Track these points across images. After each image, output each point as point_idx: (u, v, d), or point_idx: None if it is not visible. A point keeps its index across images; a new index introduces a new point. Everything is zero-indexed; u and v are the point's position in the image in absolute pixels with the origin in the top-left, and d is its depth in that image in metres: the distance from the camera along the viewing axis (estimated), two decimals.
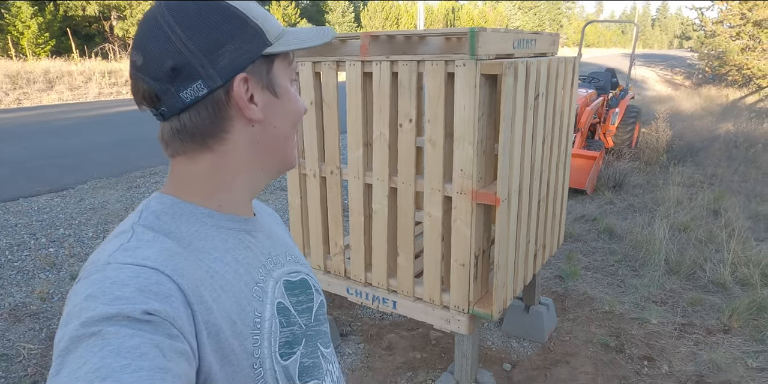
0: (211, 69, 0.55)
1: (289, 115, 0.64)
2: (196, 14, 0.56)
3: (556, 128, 2.33)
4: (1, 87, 12.36)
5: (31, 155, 6.37)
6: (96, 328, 0.44)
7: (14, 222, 4.20)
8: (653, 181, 5.77)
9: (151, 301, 0.47)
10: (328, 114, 2.13)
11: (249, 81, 0.58)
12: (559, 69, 2.19)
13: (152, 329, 0.46)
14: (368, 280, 2.28)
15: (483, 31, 1.64)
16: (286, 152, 0.66)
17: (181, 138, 0.59)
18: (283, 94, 0.62)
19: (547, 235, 2.52)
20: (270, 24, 0.60)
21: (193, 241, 0.58)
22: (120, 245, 0.54)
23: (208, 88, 0.56)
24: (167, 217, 0.59)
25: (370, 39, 1.87)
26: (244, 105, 0.58)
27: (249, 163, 0.62)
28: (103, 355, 0.42)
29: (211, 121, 0.58)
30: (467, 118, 1.73)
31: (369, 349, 2.75)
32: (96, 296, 0.47)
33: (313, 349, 0.69)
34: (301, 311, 0.68)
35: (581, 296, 3.27)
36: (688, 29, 20.30)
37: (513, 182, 1.90)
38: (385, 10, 34.54)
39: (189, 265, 0.55)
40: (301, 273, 0.72)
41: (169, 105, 0.56)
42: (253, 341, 0.58)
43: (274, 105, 0.61)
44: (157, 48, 0.55)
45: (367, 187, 2.14)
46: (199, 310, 0.52)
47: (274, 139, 0.63)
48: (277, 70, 0.61)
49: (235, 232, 0.63)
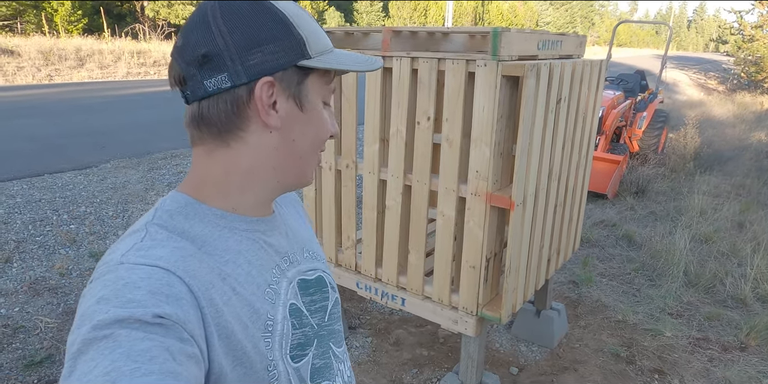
0: (240, 65, 0.56)
1: (311, 133, 0.63)
2: (243, 11, 0.57)
3: (578, 133, 2.27)
4: (34, 63, 12.64)
5: (59, 132, 6.50)
6: (108, 330, 0.45)
7: (38, 197, 4.30)
8: (678, 189, 5.63)
9: (162, 304, 0.48)
10: (347, 107, 2.11)
11: (274, 86, 0.58)
12: (584, 72, 2.13)
13: (163, 332, 0.46)
14: (378, 275, 2.28)
15: (506, 31, 1.60)
16: (302, 169, 0.64)
17: (198, 125, 0.59)
18: (310, 110, 0.62)
19: (562, 241, 2.48)
20: (316, 39, 0.60)
21: (206, 242, 0.58)
22: (133, 245, 0.54)
23: (231, 83, 0.56)
24: (181, 217, 0.59)
25: (392, 34, 1.85)
26: (263, 108, 0.58)
27: (264, 168, 0.62)
28: (113, 358, 0.43)
29: (227, 115, 0.58)
30: (486, 119, 1.69)
31: (376, 343, 2.75)
32: (108, 299, 0.47)
33: (325, 349, 0.69)
34: (314, 311, 0.68)
35: (595, 303, 3.22)
36: (725, 33, 19.68)
37: (529, 186, 1.87)
38: (413, 1, 34.23)
39: (201, 267, 0.55)
40: (317, 270, 0.72)
41: (193, 90, 0.58)
42: (265, 344, 0.59)
43: (296, 117, 0.61)
44: (197, 35, 0.57)
45: (381, 183, 2.13)
46: (209, 312, 0.53)
47: (291, 152, 0.62)
48: (310, 84, 0.61)
49: (248, 233, 0.63)
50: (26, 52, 12.90)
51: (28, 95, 9.46)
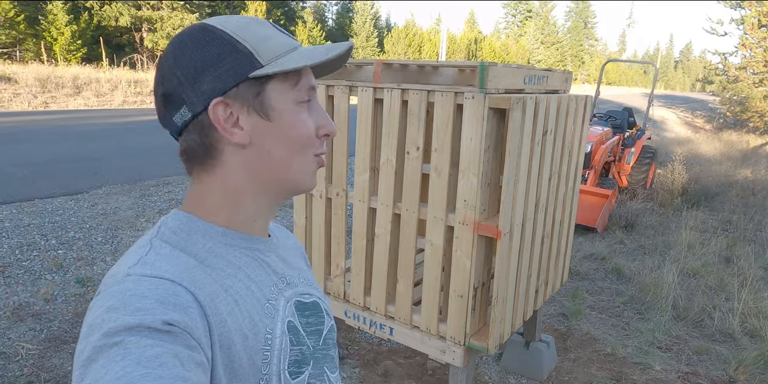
0: (193, 94, 0.58)
1: (286, 138, 0.62)
2: (187, 42, 0.59)
3: (564, 165, 2.33)
4: (30, 90, 12.75)
5: (52, 158, 6.51)
6: (118, 338, 0.45)
7: (27, 222, 4.27)
8: (666, 224, 5.69)
9: (170, 311, 0.49)
10: (338, 137, 2.16)
11: (231, 105, 0.59)
12: (570, 106, 2.21)
13: (172, 339, 0.47)
14: (367, 304, 2.27)
15: (493, 65, 1.67)
16: (290, 176, 0.64)
17: (184, 159, 0.62)
18: (278, 117, 0.61)
19: (550, 272, 2.49)
20: (267, 45, 0.60)
21: (208, 257, 0.60)
22: (139, 259, 0.55)
23: (191, 113, 0.59)
24: (183, 234, 0.61)
25: (383, 66, 1.91)
26: (223, 129, 0.59)
27: (249, 185, 0.63)
28: (124, 365, 0.43)
29: (200, 144, 0.60)
30: (473, 150, 1.74)
31: (364, 374, 2.71)
32: (117, 308, 0.48)
33: (321, 372, 0.68)
34: (310, 333, 0.68)
35: (584, 336, 3.20)
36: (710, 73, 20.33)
37: (516, 216, 1.90)
38: (408, 37, 35.21)
39: (205, 279, 0.56)
40: (313, 296, 0.73)
41: (170, 128, 0.62)
42: (263, 357, 0.59)
43: (264, 128, 0.61)
44: (159, 76, 0.61)
45: (371, 211, 2.15)
46: (214, 322, 0.54)
47: (270, 164, 0.62)
48: (271, 92, 0.60)
49: (247, 250, 0.64)
50: (23, 79, 13.05)
51: (23, 121, 9.51)
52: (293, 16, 29.06)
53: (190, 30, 0.60)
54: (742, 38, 16.07)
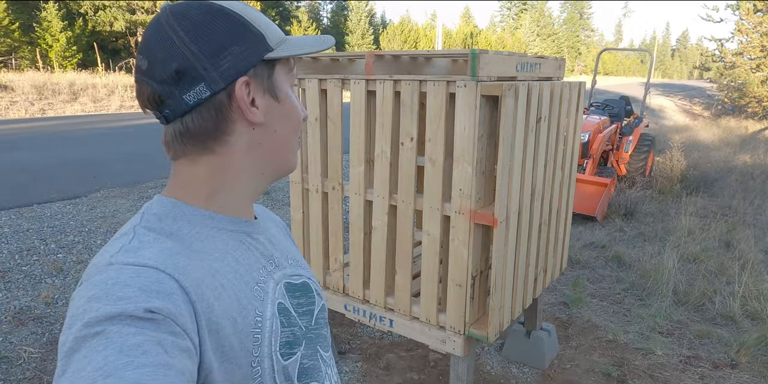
0: (214, 72, 0.57)
1: (290, 119, 0.65)
2: (199, 19, 0.58)
3: (560, 152, 2.33)
4: (27, 97, 12.75)
5: (50, 163, 6.52)
6: (99, 327, 0.45)
7: (26, 227, 4.28)
8: (665, 211, 5.69)
9: (153, 299, 0.48)
10: (332, 130, 2.16)
11: (251, 84, 0.60)
12: (564, 93, 2.20)
13: (154, 327, 0.46)
14: (366, 297, 2.27)
15: (484, 53, 1.66)
16: (286, 156, 0.67)
17: (184, 140, 0.60)
18: (284, 99, 0.64)
19: (549, 259, 2.49)
20: (271, 31, 0.62)
21: (194, 242, 0.59)
22: (121, 247, 0.55)
23: (210, 91, 0.57)
24: (169, 219, 0.60)
25: (374, 58, 1.91)
26: (246, 108, 0.59)
27: (249, 165, 0.64)
28: (106, 354, 0.43)
29: (213, 123, 0.60)
30: (467, 138, 1.74)
31: (366, 367, 2.72)
32: (99, 297, 0.48)
33: (313, 352, 0.69)
34: (301, 313, 0.68)
35: (585, 324, 3.21)
36: (707, 60, 20.29)
37: (512, 204, 1.90)
38: (404, 34, 35.14)
39: (190, 264, 0.56)
40: (302, 276, 0.73)
41: (173, 108, 0.58)
42: (253, 340, 0.59)
43: (275, 109, 0.63)
44: (162, 52, 0.57)
45: (367, 204, 2.15)
46: (200, 307, 0.53)
47: (274, 143, 0.64)
48: (278, 74, 0.63)
49: (235, 233, 0.64)
50: (20, 86, 13.04)
51: (20, 128, 9.51)
52: (288, 15, 29.01)
53: (197, 6, 0.58)
54: (738, 24, 16.03)
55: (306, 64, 2.25)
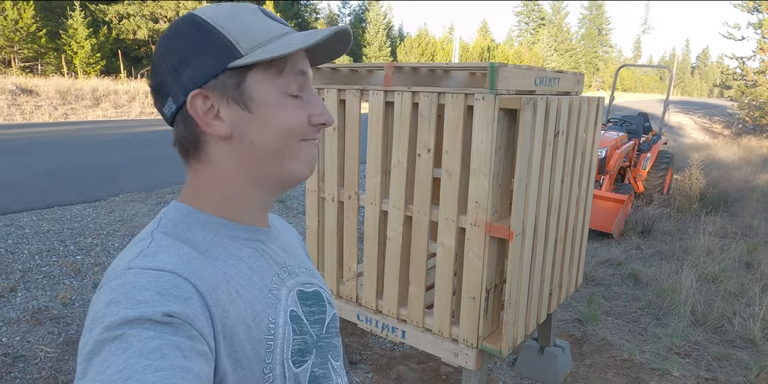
0: (176, 85, 0.58)
1: (270, 128, 0.60)
2: (173, 33, 0.59)
3: (577, 167, 2.32)
4: (51, 102, 13.06)
5: (71, 167, 6.65)
6: (119, 331, 0.46)
7: (47, 228, 4.36)
8: (683, 229, 5.60)
9: (170, 303, 0.49)
10: (350, 140, 2.18)
11: (210, 97, 0.58)
12: (582, 108, 2.20)
13: (173, 331, 0.47)
14: (379, 307, 2.27)
15: (504, 66, 1.67)
16: (278, 167, 0.63)
17: (177, 149, 0.63)
18: (259, 108, 0.59)
19: (564, 275, 2.47)
20: (249, 34, 0.58)
21: (209, 248, 0.60)
22: (140, 251, 0.56)
23: (176, 104, 0.59)
24: (184, 226, 0.61)
25: (394, 70, 1.93)
26: (201, 121, 0.59)
27: (240, 175, 0.62)
28: (126, 357, 0.43)
29: (187, 135, 0.61)
30: (484, 151, 1.74)
31: (377, 379, 2.70)
32: (118, 301, 0.48)
33: (324, 360, 0.68)
34: (313, 322, 0.68)
35: (600, 342, 3.15)
36: (728, 78, 20.07)
37: (528, 217, 1.89)
38: (421, 46, 35.39)
39: (206, 269, 0.56)
40: (314, 285, 0.73)
41: (164, 119, 0.63)
42: (266, 346, 0.59)
43: (245, 119, 0.60)
44: (151, 68, 0.62)
45: (383, 214, 2.16)
46: (216, 312, 0.54)
47: (255, 155, 0.61)
48: (252, 82, 0.59)
49: (248, 241, 0.64)
50: (44, 91, 13.38)
51: (44, 132, 9.73)
52: (306, 27, 29.42)
53: (179, 20, 0.60)
54: (760, 42, 15.87)
55: (325, 75, 2.28)
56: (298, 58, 0.62)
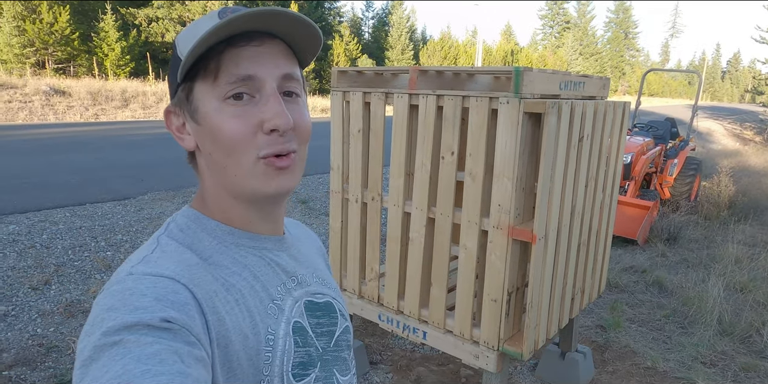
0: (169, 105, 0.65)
1: (216, 141, 0.58)
2: None
3: (602, 172, 2.31)
4: (83, 102, 13.45)
5: (102, 166, 6.84)
6: (117, 337, 0.46)
7: (79, 225, 4.50)
8: (711, 237, 5.49)
9: (168, 309, 0.49)
10: (374, 143, 2.21)
11: (174, 112, 0.63)
12: (608, 112, 2.19)
13: (171, 336, 0.47)
14: (400, 308, 2.29)
15: (528, 70, 1.69)
16: (236, 180, 0.59)
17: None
18: (203, 119, 0.58)
19: (587, 280, 2.46)
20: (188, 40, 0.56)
21: (213, 255, 0.60)
22: (143, 257, 0.57)
23: None
24: (190, 231, 0.62)
25: (418, 73, 1.96)
26: (175, 136, 0.63)
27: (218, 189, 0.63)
28: (124, 363, 0.44)
29: None
30: (508, 154, 1.76)
31: (397, 379, 2.72)
32: (116, 307, 0.49)
33: (329, 375, 0.66)
34: (320, 334, 0.67)
35: (623, 349, 3.12)
36: (760, 84, 19.54)
37: (551, 221, 1.90)
38: (444, 50, 35.35)
39: (205, 276, 0.56)
40: (326, 296, 0.71)
41: None
42: (264, 358, 0.58)
43: (199, 132, 0.61)
44: None
45: (405, 216, 2.18)
46: (211, 320, 0.54)
47: (216, 167, 0.61)
48: (197, 93, 0.58)
49: (254, 250, 0.64)
50: (76, 92, 13.79)
51: (76, 132, 10.02)
52: (330, 30, 29.66)
53: None
54: None
55: (351, 78, 2.32)
56: (233, 63, 0.55)
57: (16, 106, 12.19)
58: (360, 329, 3.19)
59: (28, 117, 11.86)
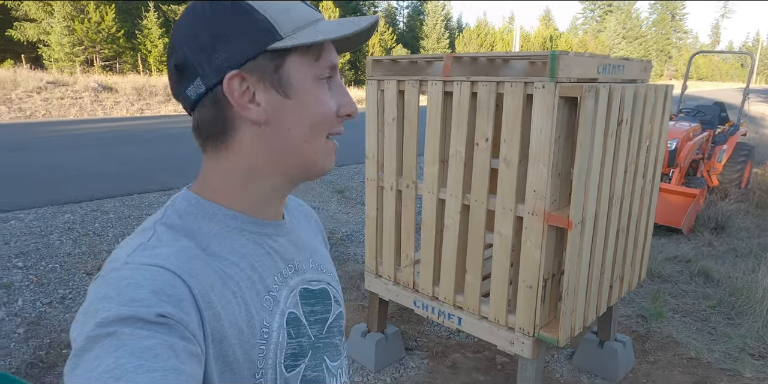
0: (207, 66, 0.55)
1: (306, 116, 0.58)
2: (204, 11, 0.56)
3: (642, 158, 2.25)
4: (128, 98, 13.98)
5: (148, 158, 7.12)
6: (111, 328, 0.45)
7: (128, 214, 4.72)
8: (763, 226, 5.25)
9: (164, 303, 0.48)
10: (408, 130, 2.23)
11: (247, 78, 0.55)
12: (649, 96, 2.13)
13: (166, 331, 0.46)
14: (435, 294, 2.31)
15: (564, 54, 1.66)
16: (307, 157, 0.60)
17: (198, 134, 0.60)
18: (296, 94, 0.57)
19: (626, 268, 2.41)
20: (288, 17, 0.56)
21: (212, 243, 0.58)
22: (140, 244, 0.54)
23: (205, 86, 0.56)
24: (190, 217, 0.59)
25: (453, 60, 1.96)
26: (238, 104, 0.56)
27: (264, 165, 0.60)
28: (118, 356, 0.43)
29: (214, 119, 0.57)
30: (543, 140, 1.74)
31: (432, 365, 2.76)
32: (112, 297, 0.47)
33: (319, 362, 0.67)
34: (313, 322, 0.66)
35: (665, 339, 3.05)
36: None
37: (588, 207, 1.87)
38: (480, 37, 34.73)
39: (204, 269, 0.55)
40: (322, 282, 0.70)
41: (183, 102, 0.59)
42: (258, 351, 0.58)
43: (283, 105, 0.57)
44: (170, 45, 0.58)
45: (440, 203, 2.20)
46: (207, 316, 0.52)
47: (288, 142, 0.59)
48: (290, 67, 0.57)
49: (256, 235, 0.62)
50: (122, 88, 14.35)
51: (123, 126, 10.45)
52: None
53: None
54: None
55: (385, 66, 2.33)
56: (330, 48, 0.60)
57: (67, 103, 12.79)
58: (396, 316, 3.24)
59: (79, 112, 12.43)
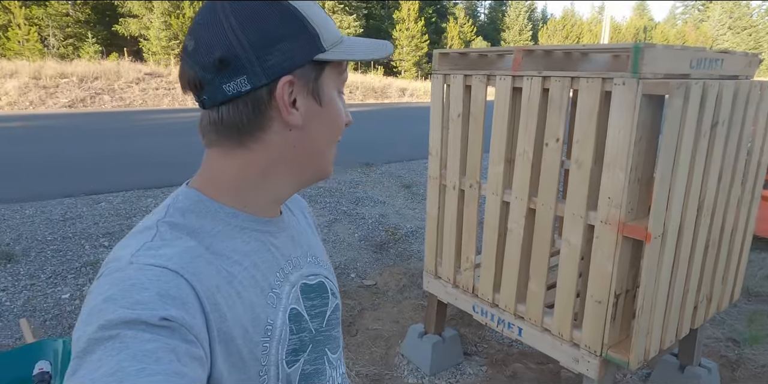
0: (258, 66, 0.54)
1: (329, 127, 0.62)
2: (255, 9, 0.55)
3: (741, 163, 1.99)
4: None
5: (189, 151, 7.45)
6: (114, 331, 0.45)
7: None
8: None
9: (168, 307, 0.48)
10: (474, 128, 2.11)
11: (294, 84, 0.57)
12: (752, 94, 1.87)
13: (169, 334, 0.46)
14: (495, 301, 2.20)
15: (650, 46, 1.48)
16: (322, 162, 0.64)
17: (217, 130, 0.58)
18: (327, 104, 0.61)
19: (715, 286, 2.16)
20: (328, 30, 0.59)
21: (215, 241, 0.58)
22: (143, 244, 0.54)
23: (251, 85, 0.55)
24: (193, 215, 0.59)
25: (524, 53, 1.82)
26: (285, 108, 0.57)
27: (281, 166, 0.61)
28: (120, 359, 0.43)
29: (249, 118, 0.57)
30: (621, 142, 1.57)
31: (492, 373, 2.64)
32: (116, 299, 0.47)
33: (320, 355, 0.68)
34: (314, 315, 0.68)
35: (760, 368, 2.72)
36: None
37: (672, 218, 1.67)
38: (566, 29, 33.13)
39: (209, 269, 0.55)
40: (319, 276, 0.72)
41: (211, 95, 0.56)
42: (262, 349, 0.58)
43: (315, 113, 0.60)
44: (210, 36, 0.54)
45: (504, 205, 2.07)
46: (213, 317, 0.53)
47: (310, 148, 0.61)
48: (326, 78, 0.60)
49: (257, 233, 0.63)
50: None
51: None
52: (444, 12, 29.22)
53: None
54: None
55: (452, 60, 2.23)
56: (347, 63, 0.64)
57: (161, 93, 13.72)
58: (456, 318, 3.14)
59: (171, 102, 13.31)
